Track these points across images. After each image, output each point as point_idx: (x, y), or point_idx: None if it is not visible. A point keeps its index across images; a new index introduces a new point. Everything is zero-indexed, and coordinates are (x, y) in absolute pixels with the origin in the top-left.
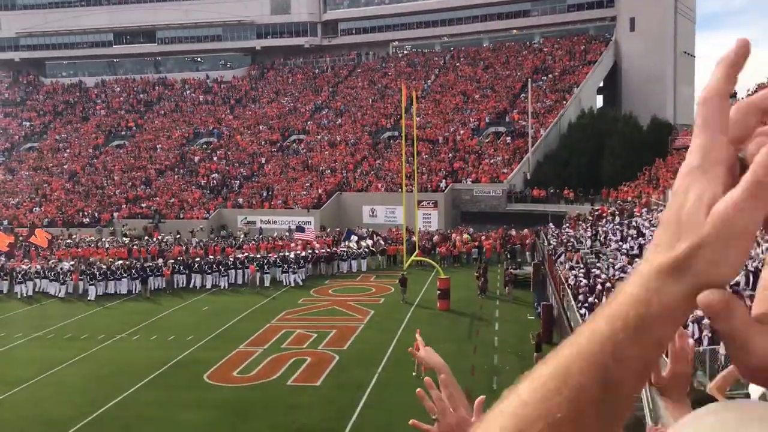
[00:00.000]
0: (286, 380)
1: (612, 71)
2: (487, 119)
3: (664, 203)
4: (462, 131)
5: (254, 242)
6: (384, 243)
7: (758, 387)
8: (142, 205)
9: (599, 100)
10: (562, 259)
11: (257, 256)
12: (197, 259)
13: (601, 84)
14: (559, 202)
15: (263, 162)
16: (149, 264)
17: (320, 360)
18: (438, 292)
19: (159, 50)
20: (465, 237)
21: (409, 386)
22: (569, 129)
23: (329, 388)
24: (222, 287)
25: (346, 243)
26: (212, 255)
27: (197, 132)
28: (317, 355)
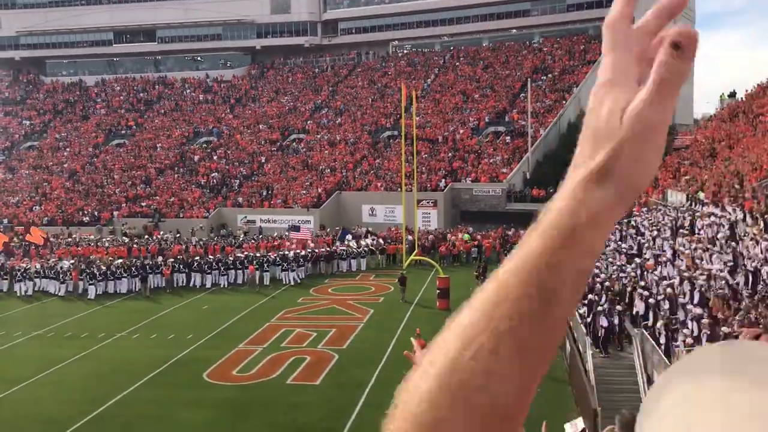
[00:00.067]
0: (286, 379)
1: None
2: (487, 119)
3: (664, 203)
4: (461, 131)
5: (254, 241)
6: (383, 242)
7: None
8: (142, 204)
9: None
10: None
11: (257, 255)
12: (197, 258)
13: None
14: None
15: (263, 161)
16: (149, 263)
17: (320, 359)
18: (437, 292)
19: (159, 49)
20: (462, 237)
21: None
22: (569, 128)
23: (329, 387)
24: (222, 286)
25: (345, 242)
26: (212, 254)
27: (197, 131)
28: (317, 354)
